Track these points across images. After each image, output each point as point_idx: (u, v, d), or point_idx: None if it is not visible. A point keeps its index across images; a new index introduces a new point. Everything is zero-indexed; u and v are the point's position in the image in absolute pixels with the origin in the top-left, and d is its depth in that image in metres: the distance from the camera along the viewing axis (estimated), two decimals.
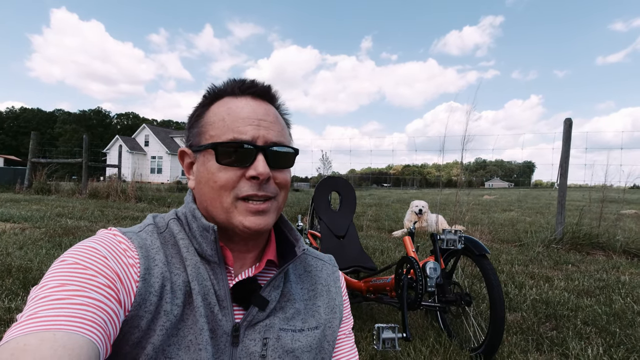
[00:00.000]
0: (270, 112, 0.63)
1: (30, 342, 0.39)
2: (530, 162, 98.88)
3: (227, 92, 0.64)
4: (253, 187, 0.59)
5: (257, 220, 0.60)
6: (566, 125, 5.08)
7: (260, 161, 0.59)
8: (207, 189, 0.61)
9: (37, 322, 0.42)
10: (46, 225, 4.87)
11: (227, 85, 0.64)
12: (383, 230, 6.22)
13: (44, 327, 0.41)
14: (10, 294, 2.36)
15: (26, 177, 10.55)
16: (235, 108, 0.61)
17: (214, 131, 0.61)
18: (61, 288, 0.46)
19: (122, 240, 0.57)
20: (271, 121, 0.62)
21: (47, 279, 0.48)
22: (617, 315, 2.46)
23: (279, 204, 0.64)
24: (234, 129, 0.59)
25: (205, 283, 0.59)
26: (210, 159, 0.60)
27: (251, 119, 0.60)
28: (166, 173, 37.48)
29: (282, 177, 0.63)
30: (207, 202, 0.61)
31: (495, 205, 12.82)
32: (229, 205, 0.59)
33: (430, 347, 1.94)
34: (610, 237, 4.70)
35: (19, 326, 0.42)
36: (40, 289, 0.46)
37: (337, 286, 0.74)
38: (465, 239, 1.97)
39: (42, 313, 0.43)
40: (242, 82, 0.64)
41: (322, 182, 2.87)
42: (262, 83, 0.65)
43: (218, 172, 0.59)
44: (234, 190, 0.59)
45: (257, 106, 0.62)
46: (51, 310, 0.43)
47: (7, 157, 32.31)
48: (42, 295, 0.45)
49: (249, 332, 0.60)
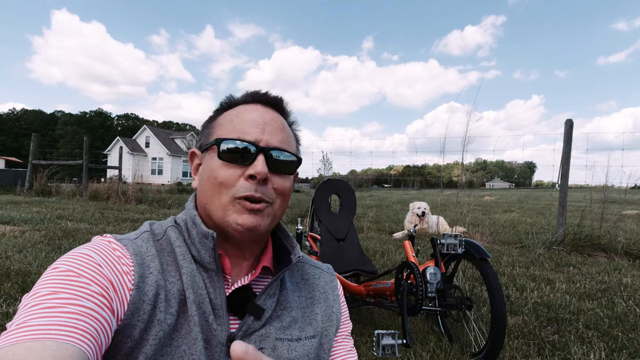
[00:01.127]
0: (277, 120, 0.65)
1: (18, 352, 0.38)
2: (531, 162, 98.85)
3: (240, 101, 0.67)
4: (250, 187, 0.59)
5: (251, 218, 0.59)
6: (567, 126, 5.07)
7: (260, 161, 0.59)
8: (207, 186, 0.61)
9: (26, 331, 0.41)
10: (46, 228, 4.86)
11: (242, 95, 0.68)
12: (383, 231, 6.20)
13: (34, 336, 0.40)
14: (9, 299, 2.35)
15: (27, 179, 10.55)
16: (244, 112, 0.64)
17: (221, 131, 0.63)
18: (53, 296, 0.45)
19: (116, 248, 0.56)
20: (277, 127, 0.63)
21: (39, 286, 0.47)
22: (620, 319, 2.44)
23: (274, 210, 0.63)
24: (239, 130, 0.61)
25: (200, 291, 0.58)
26: (213, 156, 0.61)
27: (257, 122, 0.62)
28: (167, 174, 37.50)
29: (281, 183, 0.62)
30: (207, 199, 0.62)
31: (496, 206, 12.80)
32: (227, 203, 0.59)
33: (430, 352, 1.93)
34: (612, 238, 4.68)
35: (7, 335, 0.41)
36: (31, 297, 0.46)
37: (335, 294, 0.73)
38: (466, 242, 1.95)
39: (32, 322, 0.42)
40: (257, 91, 0.67)
41: (322, 185, 2.86)
42: (276, 95, 0.68)
43: (219, 168, 0.60)
44: (232, 189, 0.59)
45: (265, 112, 0.64)
46: (41, 319, 0.42)
47: (7, 159, 32.38)
48: (33, 304, 0.44)
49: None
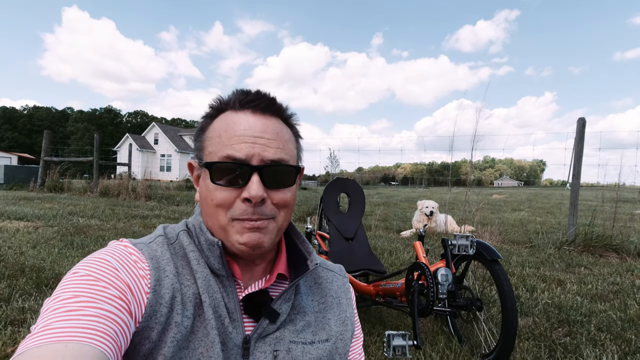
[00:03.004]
0: (269, 127, 0.60)
1: (43, 354, 0.40)
2: (541, 160, 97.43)
3: (229, 106, 0.62)
4: (247, 210, 0.58)
5: (253, 236, 0.58)
6: (579, 124, 4.98)
7: (254, 182, 0.57)
8: (205, 206, 0.61)
9: (49, 333, 0.43)
10: (58, 224, 4.95)
11: (231, 97, 0.62)
12: (391, 230, 6.18)
13: (57, 338, 0.42)
14: (24, 294, 2.40)
15: (39, 175, 10.74)
16: (232, 124, 0.59)
17: (211, 147, 0.60)
18: (73, 300, 0.47)
19: (132, 252, 0.58)
20: (269, 138, 0.59)
21: (60, 290, 0.49)
22: (633, 322, 2.41)
23: (278, 224, 0.62)
24: (228, 146, 0.58)
25: (215, 295, 0.59)
26: (207, 177, 0.60)
27: (246, 137, 0.58)
28: (175, 171, 37.83)
29: (280, 197, 0.60)
30: (207, 217, 0.62)
31: (505, 204, 12.67)
32: (226, 224, 0.59)
33: (440, 353, 1.92)
34: (624, 238, 4.61)
35: (32, 338, 0.43)
36: (52, 301, 0.47)
37: (348, 297, 0.73)
38: (477, 243, 1.94)
39: (54, 325, 0.44)
40: (245, 95, 0.61)
41: (331, 184, 2.86)
42: (266, 95, 0.62)
43: (214, 191, 0.59)
44: (230, 210, 0.58)
45: (255, 121, 0.60)
46: (63, 322, 0.44)
47: (21, 155, 32.92)
48: (54, 307, 0.46)
49: (259, 345, 0.60)
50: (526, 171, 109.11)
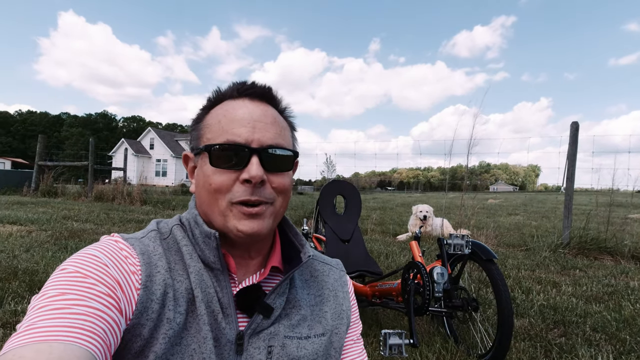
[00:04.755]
0: (268, 113, 0.62)
1: (26, 354, 0.39)
2: (536, 165, 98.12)
3: (227, 95, 0.63)
4: (247, 191, 0.58)
5: (251, 224, 0.58)
6: (572, 128, 5.05)
7: (254, 164, 0.57)
8: (203, 193, 0.61)
9: (34, 333, 0.41)
10: (52, 228, 4.90)
11: (228, 88, 0.64)
12: (387, 234, 6.19)
13: (41, 338, 0.41)
14: (17, 297, 2.37)
15: (33, 180, 10.64)
16: (232, 110, 0.61)
17: (210, 134, 0.60)
18: (60, 297, 0.45)
19: (123, 247, 0.57)
20: (268, 122, 0.60)
21: (47, 287, 0.47)
22: (627, 322, 2.42)
23: (275, 209, 0.62)
24: (228, 131, 0.58)
25: (208, 290, 0.58)
26: (206, 162, 0.60)
27: (246, 120, 0.59)
28: (171, 176, 37.73)
29: (279, 181, 0.61)
30: (205, 205, 0.61)
31: (501, 209, 12.73)
32: (225, 208, 0.58)
33: (436, 354, 1.92)
34: (618, 241, 4.65)
35: (16, 337, 0.41)
36: (39, 298, 0.46)
37: (345, 291, 0.73)
38: (473, 243, 1.95)
39: (40, 323, 0.42)
40: (242, 84, 0.63)
41: (328, 186, 2.87)
42: (263, 85, 0.64)
43: (213, 174, 0.58)
44: (228, 194, 0.58)
45: (254, 107, 0.61)
46: (49, 321, 0.43)
47: (14, 160, 32.66)
48: (41, 305, 0.45)
49: (253, 340, 0.59)
50: (521, 176, 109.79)
